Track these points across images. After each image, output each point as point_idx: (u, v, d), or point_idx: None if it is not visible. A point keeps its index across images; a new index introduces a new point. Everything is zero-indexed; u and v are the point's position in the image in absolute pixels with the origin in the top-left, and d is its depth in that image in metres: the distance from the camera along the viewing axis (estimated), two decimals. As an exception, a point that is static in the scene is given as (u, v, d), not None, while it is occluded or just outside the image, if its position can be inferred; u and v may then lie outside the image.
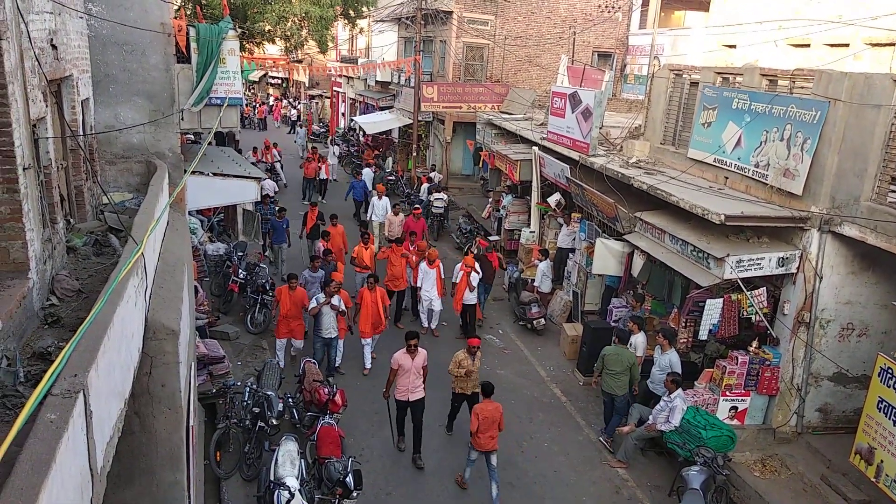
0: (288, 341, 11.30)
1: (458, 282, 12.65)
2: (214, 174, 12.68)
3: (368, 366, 11.41)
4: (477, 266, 12.70)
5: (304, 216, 16.19)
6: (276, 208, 15.79)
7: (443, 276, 12.79)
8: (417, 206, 18.17)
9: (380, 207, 17.59)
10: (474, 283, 12.61)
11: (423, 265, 12.71)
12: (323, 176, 23.65)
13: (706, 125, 10.38)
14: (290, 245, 15.81)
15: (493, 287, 14.33)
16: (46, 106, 5.53)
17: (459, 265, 12.88)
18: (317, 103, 45.32)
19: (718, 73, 10.63)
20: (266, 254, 16.07)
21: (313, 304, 10.57)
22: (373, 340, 11.53)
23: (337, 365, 11.18)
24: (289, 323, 11.00)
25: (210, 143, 15.24)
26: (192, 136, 16.69)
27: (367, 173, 22.82)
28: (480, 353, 9.46)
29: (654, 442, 9.28)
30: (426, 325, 13.05)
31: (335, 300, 10.58)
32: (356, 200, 20.74)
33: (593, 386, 10.20)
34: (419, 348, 8.99)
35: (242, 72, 12.89)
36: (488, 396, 8.28)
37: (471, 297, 12.69)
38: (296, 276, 11.22)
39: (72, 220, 6.78)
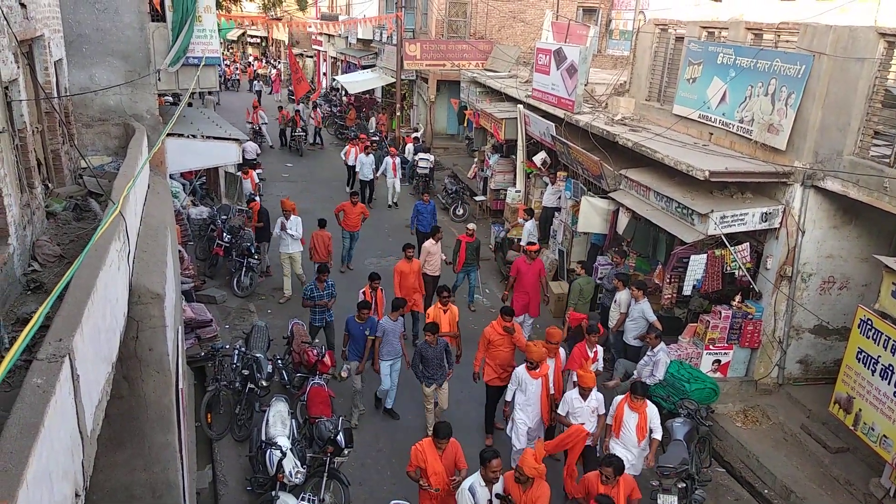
0: None
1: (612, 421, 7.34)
2: (206, 136, 12.35)
3: None
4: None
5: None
6: (358, 303, 9.05)
7: (551, 390, 7.74)
8: (532, 240, 11.74)
9: (293, 230, 12.18)
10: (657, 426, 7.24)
11: (521, 370, 7.63)
12: (350, 161, 18.70)
13: (691, 81, 10.31)
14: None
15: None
16: (18, 67, 5.38)
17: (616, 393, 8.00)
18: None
19: (704, 28, 10.52)
20: (338, 375, 9.23)
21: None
22: None
23: None
24: None
25: (189, 105, 14.88)
26: (171, 98, 16.40)
27: (367, 161, 17.86)
28: None
29: (638, 395, 9.44)
30: (518, 444, 7.72)
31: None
32: (420, 232, 13.81)
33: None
34: None
35: (220, 30, 12.60)
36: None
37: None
38: (447, 431, 6.34)
39: (50, 185, 6.67)
